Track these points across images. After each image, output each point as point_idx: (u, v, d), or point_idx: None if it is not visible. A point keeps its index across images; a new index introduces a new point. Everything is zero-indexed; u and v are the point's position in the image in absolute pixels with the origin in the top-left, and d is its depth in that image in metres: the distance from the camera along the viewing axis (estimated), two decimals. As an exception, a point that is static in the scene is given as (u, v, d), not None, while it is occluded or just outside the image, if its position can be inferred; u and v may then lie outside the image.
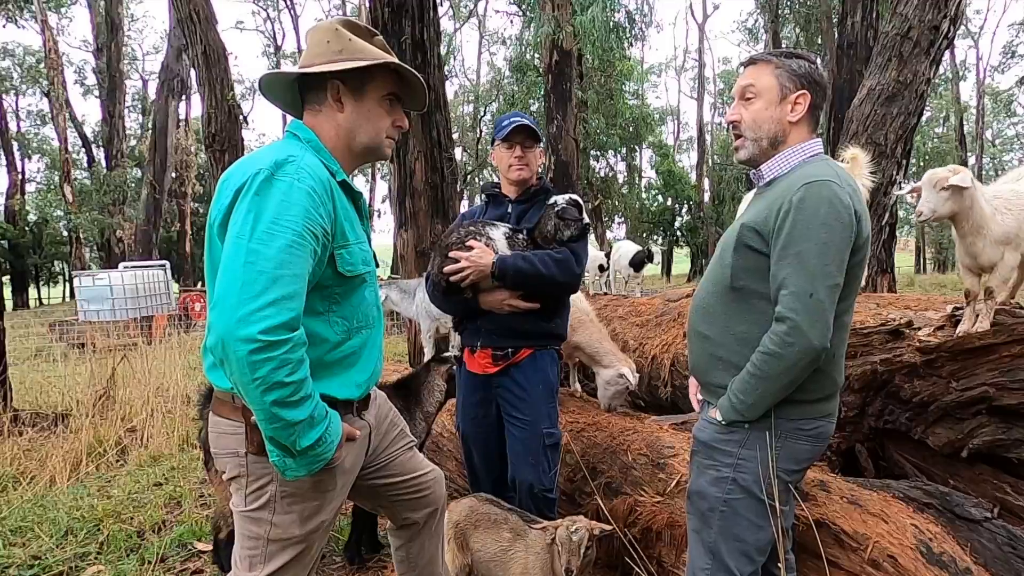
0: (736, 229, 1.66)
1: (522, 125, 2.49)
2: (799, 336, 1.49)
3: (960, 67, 32.24)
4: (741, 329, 1.64)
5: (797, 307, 1.49)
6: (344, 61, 1.51)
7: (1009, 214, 2.57)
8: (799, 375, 1.53)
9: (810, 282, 1.49)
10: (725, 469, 1.64)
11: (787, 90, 1.65)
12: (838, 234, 1.49)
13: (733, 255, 1.66)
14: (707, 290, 1.75)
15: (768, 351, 1.53)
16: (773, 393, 1.56)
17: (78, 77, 32.89)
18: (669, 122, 38.67)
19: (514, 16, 20.57)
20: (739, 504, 1.62)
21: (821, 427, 1.65)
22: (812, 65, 1.67)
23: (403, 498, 1.83)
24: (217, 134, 9.71)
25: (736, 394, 1.60)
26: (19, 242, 30.08)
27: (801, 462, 1.65)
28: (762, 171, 1.70)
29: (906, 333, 2.67)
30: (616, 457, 2.71)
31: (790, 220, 1.52)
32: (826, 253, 1.49)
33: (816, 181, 1.52)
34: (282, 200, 1.35)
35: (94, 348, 7.91)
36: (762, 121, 1.68)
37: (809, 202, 1.51)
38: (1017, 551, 1.86)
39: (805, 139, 1.68)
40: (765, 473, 1.59)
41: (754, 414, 1.59)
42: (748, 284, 1.63)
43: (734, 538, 1.63)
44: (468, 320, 2.56)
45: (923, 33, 5.34)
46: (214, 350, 1.30)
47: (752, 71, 1.69)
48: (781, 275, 1.53)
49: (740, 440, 1.62)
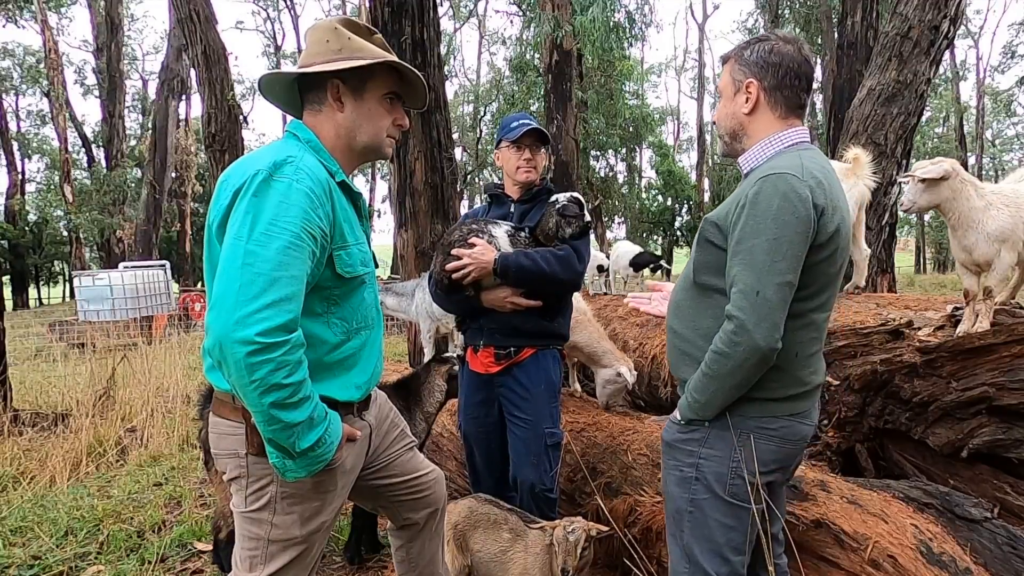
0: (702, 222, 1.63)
1: (533, 128, 2.50)
2: (745, 335, 1.44)
3: (960, 67, 32.26)
4: (705, 325, 1.59)
5: (744, 305, 1.44)
6: (344, 60, 1.49)
7: (1006, 210, 2.58)
8: (748, 375, 1.48)
9: (758, 280, 1.43)
10: (688, 469, 1.60)
11: (738, 82, 1.59)
12: (791, 229, 1.42)
13: (696, 250, 1.63)
14: (679, 285, 1.72)
15: (717, 349, 1.49)
16: (724, 392, 1.52)
17: (78, 77, 32.91)
18: (669, 122, 38.65)
19: (514, 16, 20.57)
20: (705, 504, 1.58)
21: (789, 427, 1.57)
22: (769, 45, 1.56)
23: (403, 498, 1.83)
24: (217, 134, 9.72)
25: (691, 392, 1.57)
26: (19, 242, 30.09)
27: (768, 463, 1.57)
28: (740, 164, 1.66)
29: (906, 333, 2.68)
30: (616, 457, 2.71)
31: (744, 215, 1.47)
32: (777, 249, 1.42)
33: (772, 175, 1.46)
34: (280, 201, 1.34)
35: (94, 348, 7.91)
36: (721, 119, 1.64)
37: (763, 196, 1.45)
38: (1017, 551, 1.86)
39: (776, 128, 1.58)
40: (726, 472, 1.55)
41: (708, 413, 1.56)
42: (709, 280, 1.59)
43: (706, 539, 1.58)
44: (471, 319, 2.57)
45: (923, 33, 5.34)
46: (212, 352, 1.29)
47: (722, 70, 1.66)
48: (733, 272, 1.49)
49: (700, 439, 1.59)
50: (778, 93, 1.57)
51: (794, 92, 1.57)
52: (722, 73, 1.65)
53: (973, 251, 2.63)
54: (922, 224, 31.30)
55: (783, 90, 1.57)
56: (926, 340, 2.57)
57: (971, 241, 2.62)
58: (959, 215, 2.65)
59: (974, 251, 2.62)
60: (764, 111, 1.58)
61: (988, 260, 2.60)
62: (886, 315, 3.02)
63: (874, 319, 2.95)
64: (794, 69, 1.56)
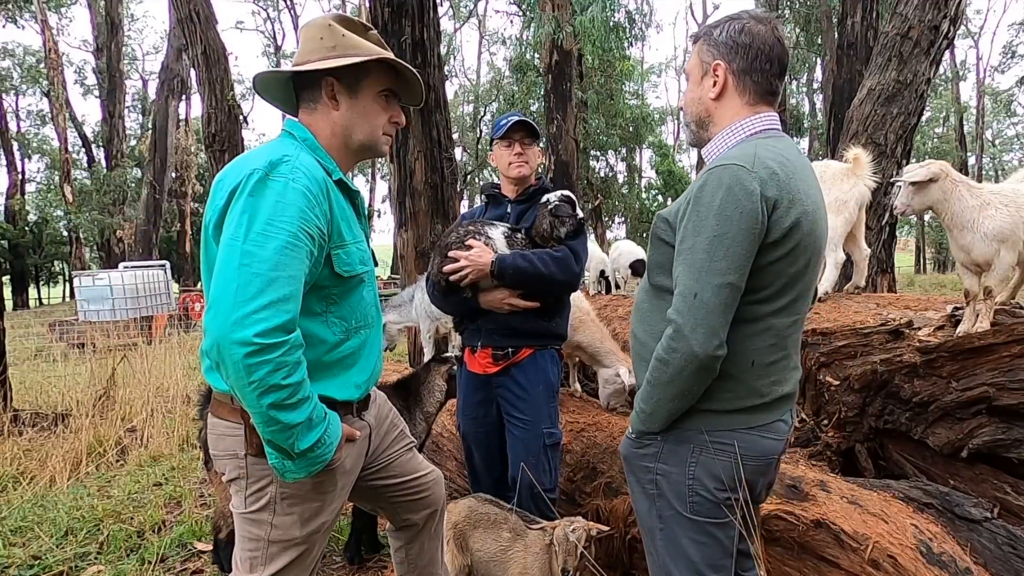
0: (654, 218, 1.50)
1: (520, 121, 2.50)
2: (681, 341, 1.32)
3: (960, 67, 32.26)
4: (660, 328, 1.42)
5: (682, 309, 1.33)
6: (338, 58, 1.48)
7: (1005, 210, 2.58)
8: (688, 383, 1.36)
9: (696, 281, 1.32)
10: (649, 486, 1.49)
11: (706, 65, 1.45)
12: (735, 225, 1.29)
13: (650, 249, 1.51)
14: (640, 287, 1.60)
15: (657, 356, 1.38)
16: (667, 402, 1.39)
17: (78, 77, 32.94)
18: (669, 122, 38.59)
19: (514, 16, 20.59)
20: (672, 520, 1.46)
21: (747, 442, 1.41)
22: (739, 24, 1.42)
23: (403, 499, 1.82)
24: (217, 134, 9.71)
25: (638, 402, 1.46)
26: (19, 242, 30.10)
27: (727, 479, 1.41)
28: (704, 156, 1.51)
29: (906, 333, 2.68)
30: (616, 457, 2.71)
31: (688, 210, 1.35)
32: (717, 248, 1.30)
33: (719, 166, 1.33)
34: (277, 201, 1.33)
35: (94, 348, 7.91)
36: (688, 104, 1.51)
37: (707, 190, 1.32)
38: (1017, 551, 1.86)
39: (741, 114, 1.44)
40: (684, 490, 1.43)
41: (654, 425, 1.44)
42: (662, 280, 1.47)
43: (680, 556, 1.46)
44: (468, 320, 2.56)
45: (923, 33, 5.34)
46: (210, 353, 1.28)
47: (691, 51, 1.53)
48: (676, 272, 1.37)
49: (655, 454, 1.47)
50: (747, 78, 1.43)
51: (764, 77, 1.43)
52: (692, 55, 1.51)
53: (971, 251, 2.63)
54: (922, 224, 31.28)
55: (752, 74, 1.43)
56: (926, 340, 2.57)
57: (968, 241, 2.63)
58: (952, 216, 2.66)
59: (972, 251, 2.63)
60: (732, 96, 1.44)
61: (987, 260, 2.61)
62: (886, 315, 3.02)
63: (874, 319, 2.96)
64: (765, 52, 1.42)
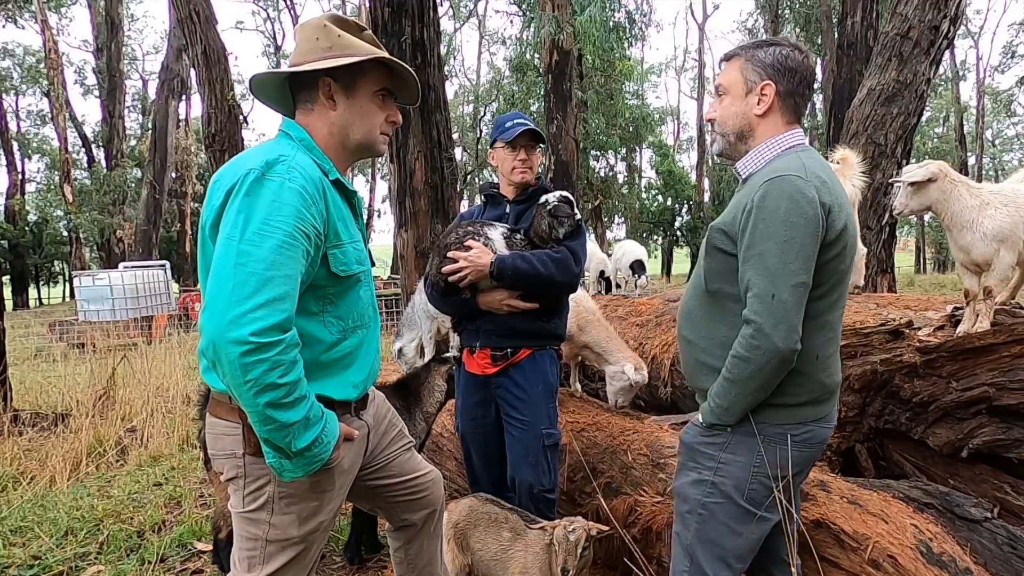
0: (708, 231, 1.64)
1: (528, 129, 2.49)
2: (763, 339, 1.45)
3: (960, 67, 32.26)
4: (721, 333, 1.60)
5: (760, 309, 1.46)
6: (334, 58, 1.48)
7: (1004, 209, 2.57)
8: (769, 378, 1.50)
9: (772, 283, 1.45)
10: (706, 472, 1.61)
11: (752, 83, 1.60)
12: (801, 230, 1.44)
13: (705, 258, 1.64)
14: (689, 294, 1.74)
15: (737, 354, 1.51)
16: (746, 397, 1.53)
17: (78, 77, 32.94)
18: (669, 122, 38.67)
19: (514, 16, 20.58)
20: (717, 508, 1.59)
21: (812, 432, 1.59)
22: (785, 50, 1.59)
23: (401, 499, 1.82)
24: (217, 134, 9.70)
25: (713, 398, 1.58)
26: (19, 242, 30.10)
27: (785, 469, 1.57)
28: (738, 168, 1.67)
29: (906, 333, 2.67)
30: (616, 457, 2.71)
31: (752, 219, 1.48)
32: (788, 251, 1.44)
33: (777, 177, 1.48)
34: (273, 200, 1.34)
35: (94, 348, 7.91)
36: (728, 117, 1.64)
37: (770, 199, 1.46)
38: (1017, 551, 1.86)
39: (779, 131, 1.61)
40: (746, 477, 1.56)
41: (730, 418, 1.56)
42: (721, 287, 1.61)
43: (710, 542, 1.59)
44: (467, 320, 2.56)
45: (923, 33, 5.34)
46: (206, 352, 1.28)
47: (725, 67, 1.66)
48: (747, 277, 1.50)
49: (722, 444, 1.59)
50: (790, 99, 1.60)
51: (803, 100, 1.62)
52: (727, 70, 1.65)
53: (971, 251, 2.63)
54: (922, 224, 31.29)
55: (794, 96, 1.60)
56: (926, 340, 2.57)
57: (967, 241, 2.63)
58: (951, 215, 2.67)
59: (971, 251, 2.62)
60: (775, 115, 1.60)
61: (986, 260, 2.60)
62: (886, 315, 3.01)
63: (874, 319, 2.95)
64: (807, 78, 1.60)
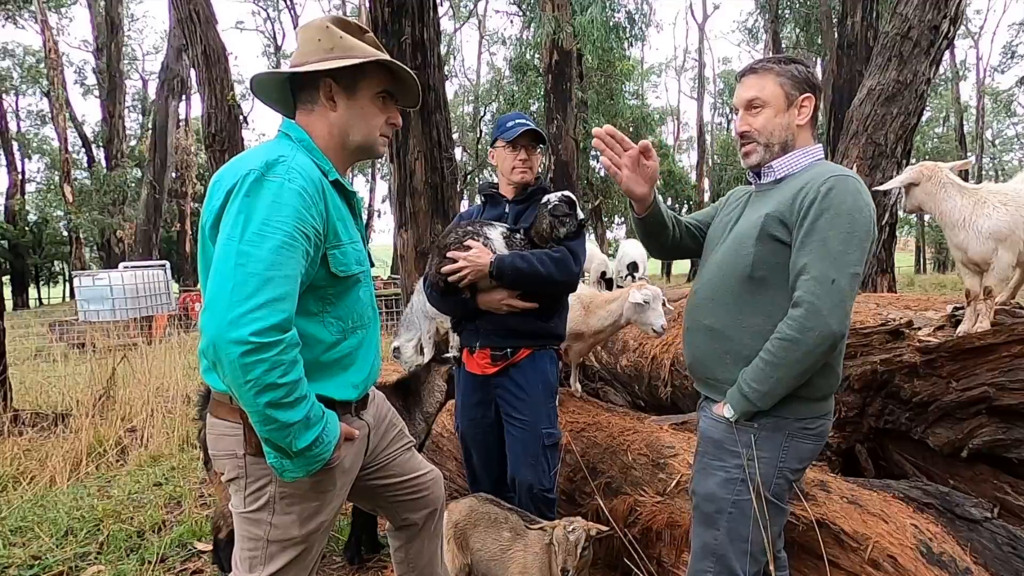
0: (758, 219, 1.66)
1: (530, 129, 2.49)
2: (818, 320, 1.49)
3: (960, 67, 32.24)
4: (755, 321, 1.64)
5: (818, 291, 1.50)
6: (335, 59, 1.49)
7: (1003, 209, 2.57)
8: (816, 362, 1.54)
9: (833, 268, 1.51)
10: (735, 471, 1.63)
11: (793, 96, 1.70)
12: (862, 227, 1.53)
13: (755, 244, 1.65)
14: (715, 283, 1.74)
15: (785, 336, 1.54)
16: (788, 381, 1.56)
17: (78, 77, 32.97)
18: (669, 122, 38.67)
19: (514, 16, 20.58)
20: (747, 505, 1.62)
21: (823, 425, 1.68)
22: (809, 69, 1.73)
23: (401, 499, 1.83)
24: (217, 134, 9.69)
25: (749, 383, 1.59)
26: (19, 242, 30.11)
27: (804, 461, 1.68)
28: (773, 167, 1.73)
29: (906, 333, 2.67)
30: (616, 457, 2.71)
31: (816, 207, 1.55)
32: (850, 242, 1.52)
33: (843, 175, 1.58)
34: (273, 201, 1.34)
35: (94, 348, 7.91)
36: (773, 128, 1.71)
37: (836, 192, 1.54)
38: (1017, 551, 1.86)
39: (811, 142, 1.74)
40: (773, 472, 1.62)
41: (767, 404, 1.59)
42: (768, 275, 1.64)
43: (741, 539, 1.62)
44: (467, 320, 2.56)
45: (923, 33, 5.33)
46: (207, 353, 1.29)
47: (754, 80, 1.72)
48: (802, 261, 1.55)
49: (749, 441, 1.63)
50: (817, 112, 1.75)
51: (818, 111, 1.79)
52: (761, 84, 1.71)
53: (967, 249, 2.63)
54: (922, 224, 31.28)
55: (817, 110, 1.76)
56: (926, 340, 2.57)
57: (962, 239, 2.63)
58: (941, 215, 2.70)
59: (968, 249, 2.62)
60: (809, 125, 1.74)
61: (983, 258, 2.60)
62: (886, 315, 3.01)
63: (874, 319, 2.95)
64: (822, 92, 1.84)
